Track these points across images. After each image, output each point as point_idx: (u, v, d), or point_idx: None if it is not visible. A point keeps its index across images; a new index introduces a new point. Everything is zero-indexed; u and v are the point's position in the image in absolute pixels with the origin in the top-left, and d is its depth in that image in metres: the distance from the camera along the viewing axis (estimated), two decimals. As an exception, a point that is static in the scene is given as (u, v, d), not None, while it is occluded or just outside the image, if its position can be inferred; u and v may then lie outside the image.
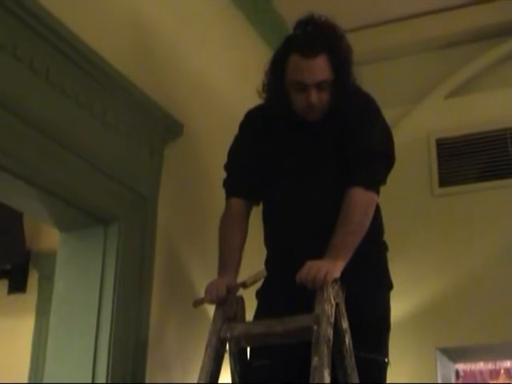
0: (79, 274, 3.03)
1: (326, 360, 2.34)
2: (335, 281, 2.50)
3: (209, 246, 3.01)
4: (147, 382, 3.05)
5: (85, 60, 2.89)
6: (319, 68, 2.78)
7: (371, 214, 2.75)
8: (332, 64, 2.79)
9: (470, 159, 4.79)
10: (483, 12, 4.89)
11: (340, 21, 2.92)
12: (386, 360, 2.77)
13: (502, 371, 8.13)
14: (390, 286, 2.91)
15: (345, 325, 2.51)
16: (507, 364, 7.85)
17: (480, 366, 7.91)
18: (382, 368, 2.75)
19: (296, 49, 2.81)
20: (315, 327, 2.40)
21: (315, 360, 2.33)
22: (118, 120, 3.13)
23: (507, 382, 8.13)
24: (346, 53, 2.86)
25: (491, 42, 4.93)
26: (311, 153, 2.87)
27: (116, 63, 3.07)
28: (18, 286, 5.54)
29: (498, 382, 8.10)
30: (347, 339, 2.50)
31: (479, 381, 8.39)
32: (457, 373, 8.39)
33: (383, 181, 2.87)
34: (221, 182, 3.01)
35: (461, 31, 5.00)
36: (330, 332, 2.41)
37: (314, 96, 2.80)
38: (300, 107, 2.85)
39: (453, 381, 4.86)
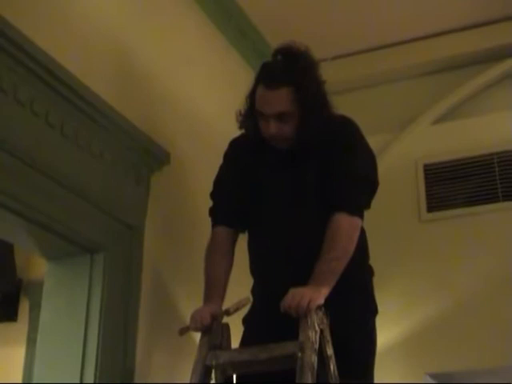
0: (65, 303, 3.03)
1: (311, 387, 2.35)
2: (319, 307, 2.51)
3: (195, 274, 3.01)
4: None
5: (70, 90, 2.90)
6: (279, 100, 2.78)
7: (356, 239, 2.76)
8: (296, 96, 2.78)
9: (457, 184, 4.81)
10: (469, 38, 4.92)
11: (325, 48, 2.95)
12: (372, 386, 2.77)
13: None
14: (375, 311, 2.92)
15: (329, 351, 2.52)
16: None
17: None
18: (368, 394, 2.76)
19: (261, 80, 2.84)
20: (299, 354, 2.40)
21: (299, 388, 2.34)
22: (104, 149, 3.14)
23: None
24: (313, 84, 2.84)
25: (477, 68, 4.96)
26: (293, 180, 2.88)
27: (101, 93, 3.08)
28: (9, 314, 5.54)
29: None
30: (332, 366, 2.51)
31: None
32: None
33: (367, 205, 2.89)
34: (207, 211, 3.03)
35: (447, 57, 5.03)
36: (315, 359, 2.41)
37: (273, 127, 2.81)
38: (264, 136, 2.88)
39: (442, 406, 4.85)
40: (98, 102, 3.07)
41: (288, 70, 2.81)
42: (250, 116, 2.92)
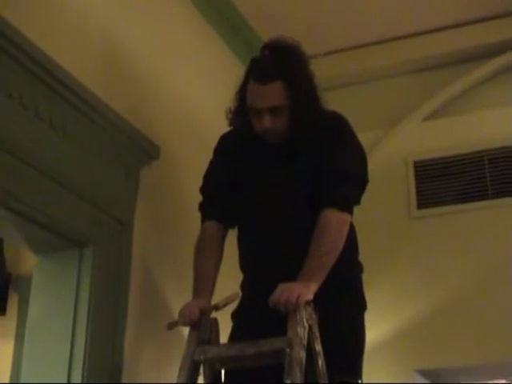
0: (53, 298, 3.02)
1: (299, 383, 2.34)
2: (308, 303, 2.50)
3: (184, 269, 3.00)
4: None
5: (60, 83, 2.89)
6: (272, 94, 2.78)
7: (345, 235, 2.76)
8: (288, 90, 2.78)
9: (447, 181, 4.82)
10: (460, 35, 4.93)
11: (317, 43, 2.93)
12: (360, 382, 2.76)
13: (484, 393, 8.12)
14: (364, 307, 2.91)
15: (318, 347, 2.51)
16: (489, 385, 7.85)
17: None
18: (356, 390, 2.76)
19: (252, 74, 2.83)
20: (288, 350, 2.39)
21: (288, 383, 2.34)
22: (94, 143, 3.13)
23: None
24: (305, 78, 2.85)
25: (468, 66, 4.97)
26: (283, 176, 2.87)
27: (91, 86, 3.07)
28: (-3, 308, 5.52)
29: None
30: (320, 362, 2.50)
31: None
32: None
33: (357, 201, 2.88)
34: (197, 205, 3.02)
35: (438, 54, 5.04)
36: (303, 355, 2.40)
37: (267, 121, 2.81)
38: (257, 131, 2.87)
39: (431, 403, 4.86)
40: (89, 95, 3.06)
41: (280, 64, 2.80)
42: (241, 112, 2.91)
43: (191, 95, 4.00)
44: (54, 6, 3.03)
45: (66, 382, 2.89)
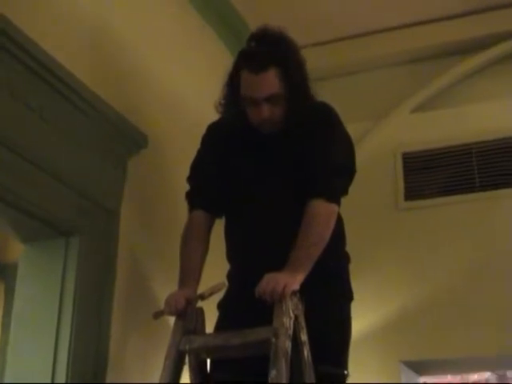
0: (39, 287, 3.00)
1: (284, 373, 2.33)
2: (294, 293, 2.50)
3: (171, 259, 2.99)
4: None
5: (47, 71, 2.86)
6: (268, 82, 2.78)
7: (332, 226, 2.76)
8: (283, 78, 2.79)
9: (435, 173, 4.83)
10: (450, 28, 4.93)
11: (305, 35, 2.93)
12: (346, 372, 2.77)
13: (469, 385, 8.17)
14: (350, 298, 2.92)
15: (304, 337, 2.51)
16: (474, 377, 7.90)
17: (448, 379, 7.95)
18: (341, 380, 2.75)
19: (246, 64, 2.82)
20: (273, 340, 2.39)
21: (273, 373, 2.33)
22: (82, 132, 3.11)
23: (474, 395, 8.17)
24: (298, 66, 2.86)
25: (458, 58, 4.98)
26: (270, 166, 2.87)
27: (79, 74, 3.05)
28: (-17, 298, 5.49)
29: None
30: (306, 352, 2.50)
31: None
32: (426, 386, 8.46)
33: (344, 192, 2.88)
34: (184, 195, 3.01)
35: (427, 46, 5.04)
36: (289, 345, 2.40)
37: (265, 110, 2.81)
38: (254, 121, 2.87)
39: (417, 394, 4.88)
40: (77, 84, 3.03)
41: (273, 52, 2.80)
42: (233, 103, 2.90)
43: (179, 84, 3.98)
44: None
45: (51, 371, 2.87)
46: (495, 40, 4.86)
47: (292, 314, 2.47)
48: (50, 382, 2.86)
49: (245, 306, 2.71)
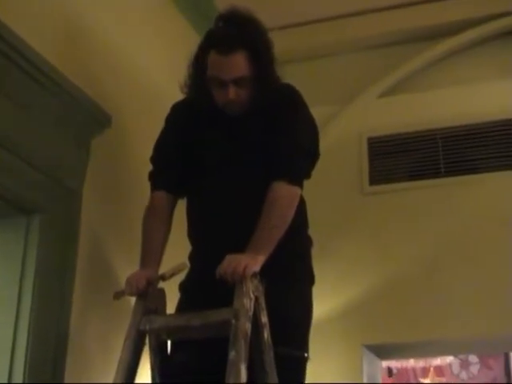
0: (-1, 265, 2.98)
1: (244, 354, 2.34)
2: (255, 275, 2.50)
3: (134, 239, 2.97)
4: (67, 378, 3.01)
5: (8, 46, 2.82)
6: (236, 64, 2.78)
7: (294, 208, 2.76)
8: (251, 60, 2.79)
9: (400, 158, 4.84)
10: (416, 14, 4.93)
11: (272, 18, 2.93)
12: (306, 355, 2.77)
13: (432, 369, 8.26)
14: (312, 281, 2.92)
15: (264, 319, 2.52)
16: (437, 361, 7.99)
17: (412, 363, 8.04)
18: (302, 363, 2.76)
19: (214, 45, 2.82)
20: (233, 321, 2.39)
21: (232, 354, 2.33)
22: (45, 110, 3.07)
23: (436, 379, 8.26)
24: (266, 48, 2.86)
25: (425, 44, 4.98)
26: (235, 147, 2.87)
27: (42, 51, 3.00)
28: None
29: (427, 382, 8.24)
30: (266, 334, 2.51)
31: (411, 378, 8.53)
32: (390, 370, 8.54)
33: (307, 175, 2.89)
34: (147, 175, 3.00)
35: (394, 32, 5.03)
36: (248, 326, 2.41)
37: (232, 92, 2.81)
38: (219, 102, 2.86)
39: (379, 378, 4.90)
40: (40, 61, 2.98)
41: (242, 34, 2.80)
42: (199, 84, 2.89)
43: (144, 64, 3.95)
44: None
45: (9, 352, 2.84)
46: (463, 26, 4.87)
47: (252, 296, 2.47)
48: (8, 364, 2.83)
49: (206, 287, 2.71)
